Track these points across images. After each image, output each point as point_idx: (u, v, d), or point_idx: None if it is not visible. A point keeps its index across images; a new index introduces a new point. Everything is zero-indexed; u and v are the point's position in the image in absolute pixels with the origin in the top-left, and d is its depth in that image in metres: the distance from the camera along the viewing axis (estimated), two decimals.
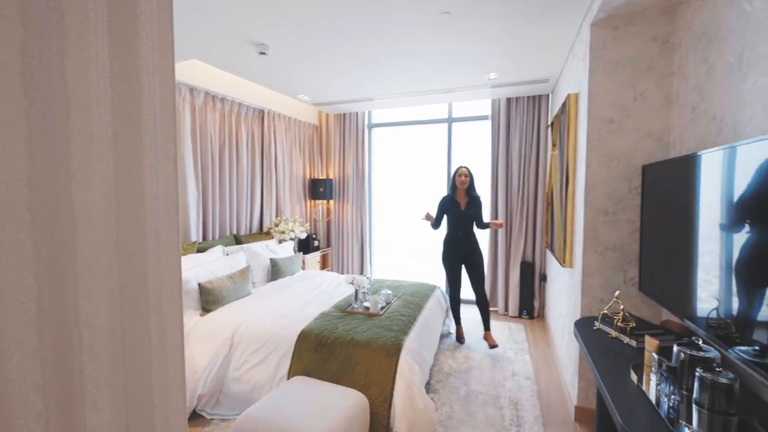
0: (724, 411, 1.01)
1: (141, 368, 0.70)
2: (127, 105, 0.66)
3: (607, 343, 1.61)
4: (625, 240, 1.99)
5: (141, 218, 0.68)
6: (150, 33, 0.69)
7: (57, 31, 0.57)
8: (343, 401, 1.71)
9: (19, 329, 0.54)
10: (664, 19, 1.86)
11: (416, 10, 2.06)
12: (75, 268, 0.60)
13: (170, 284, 0.75)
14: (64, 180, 0.58)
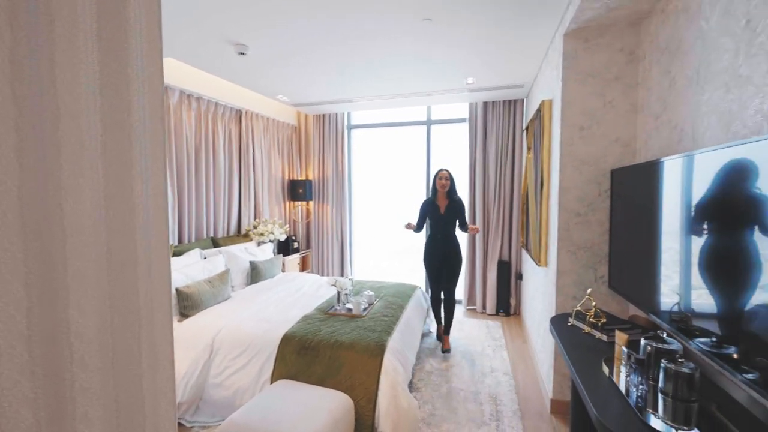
0: (685, 398, 1.10)
1: (131, 379, 0.70)
2: (116, 113, 0.65)
3: (580, 338, 1.70)
4: (595, 240, 2.11)
5: (131, 227, 0.68)
6: (139, 39, 0.68)
7: (47, 38, 0.56)
8: (329, 403, 1.72)
9: (10, 343, 0.53)
10: (630, 32, 1.98)
11: (398, 16, 2.10)
12: (65, 279, 0.59)
13: (160, 294, 0.74)
14: (54, 189, 0.57)
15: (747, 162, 1.00)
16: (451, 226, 3.11)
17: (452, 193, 3.10)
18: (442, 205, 3.09)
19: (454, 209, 3.08)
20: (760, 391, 0.91)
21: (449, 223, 3.09)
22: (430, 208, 3.11)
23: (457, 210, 3.10)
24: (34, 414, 0.56)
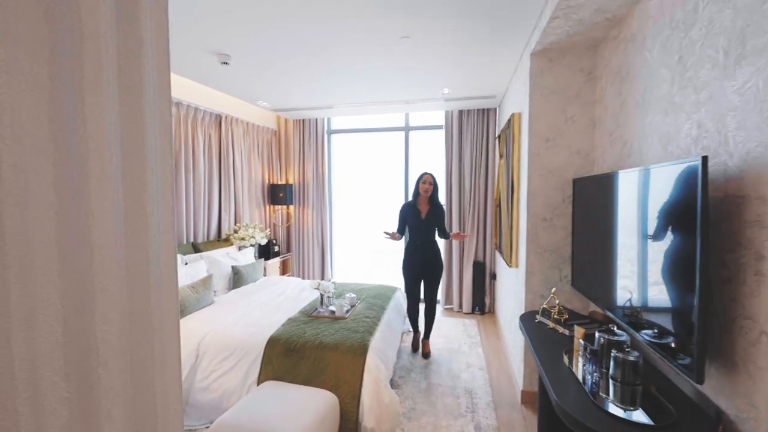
0: (631, 382, 1.27)
1: (146, 380, 0.78)
2: (133, 142, 0.74)
3: (546, 333, 1.87)
4: (560, 243, 2.30)
5: (145, 243, 0.76)
6: (151, 76, 0.77)
7: (78, 82, 0.64)
8: (315, 401, 1.82)
9: (49, 350, 0.61)
10: (588, 55, 2.19)
11: (378, 34, 2.22)
12: (93, 292, 0.67)
13: (169, 302, 0.83)
14: (84, 215, 0.65)
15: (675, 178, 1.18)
16: (432, 232, 3.05)
17: (434, 199, 3.04)
18: (424, 209, 3.02)
19: (435, 215, 3.02)
20: (689, 374, 1.09)
21: (430, 228, 3.02)
22: (410, 213, 3.02)
23: (439, 216, 3.05)
24: (69, 412, 0.65)
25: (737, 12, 1.07)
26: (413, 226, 3.03)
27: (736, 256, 1.07)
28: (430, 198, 3.03)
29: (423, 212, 3.02)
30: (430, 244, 3.04)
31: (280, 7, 1.90)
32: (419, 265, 3.03)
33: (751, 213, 1.02)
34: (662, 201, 1.26)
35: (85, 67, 0.65)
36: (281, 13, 1.98)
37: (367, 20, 2.05)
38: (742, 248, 1.05)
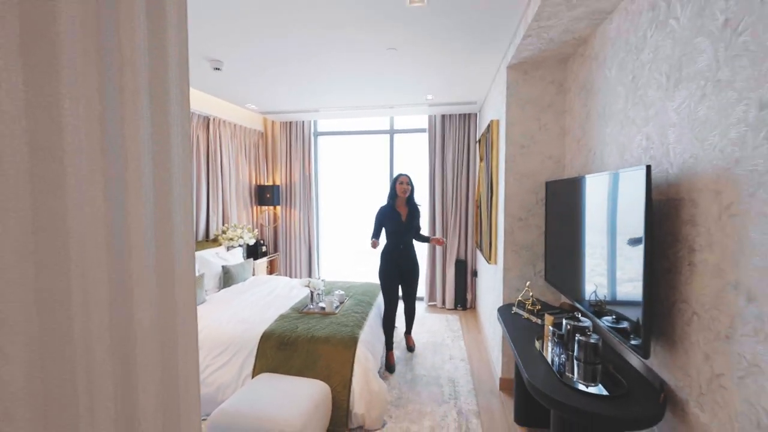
0: (592, 362, 1.45)
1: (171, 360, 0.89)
2: (161, 155, 0.86)
3: (520, 322, 2.06)
4: (534, 241, 2.49)
5: (169, 243, 0.88)
6: (174, 97, 0.89)
7: (120, 103, 0.76)
8: (309, 390, 1.94)
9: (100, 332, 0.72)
10: (559, 68, 2.39)
11: (365, 45, 2.35)
12: (131, 285, 0.78)
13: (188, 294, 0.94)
14: (123, 219, 0.77)
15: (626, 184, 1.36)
16: (411, 234, 2.98)
17: (412, 200, 2.97)
18: (404, 212, 2.93)
19: (414, 217, 2.97)
20: (638, 352, 1.27)
21: (409, 231, 2.95)
22: (389, 216, 2.88)
23: (417, 217, 3.00)
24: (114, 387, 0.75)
25: (676, 42, 1.26)
26: (394, 230, 2.89)
27: (675, 249, 1.26)
28: (407, 199, 2.93)
29: (403, 215, 2.92)
30: (411, 248, 2.98)
31: (273, 17, 2.01)
32: (399, 271, 2.92)
33: (686, 213, 1.21)
34: (615, 203, 1.45)
35: (125, 91, 0.77)
36: (274, 23, 2.09)
37: (355, 32, 2.19)
38: (679, 243, 1.24)
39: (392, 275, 2.91)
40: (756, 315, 0.93)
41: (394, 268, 2.91)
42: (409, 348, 3.21)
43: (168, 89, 0.88)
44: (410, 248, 2.98)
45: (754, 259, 0.94)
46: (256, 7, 1.90)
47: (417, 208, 3.03)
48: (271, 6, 1.88)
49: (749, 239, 0.95)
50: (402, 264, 2.92)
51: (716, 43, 1.07)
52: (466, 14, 1.97)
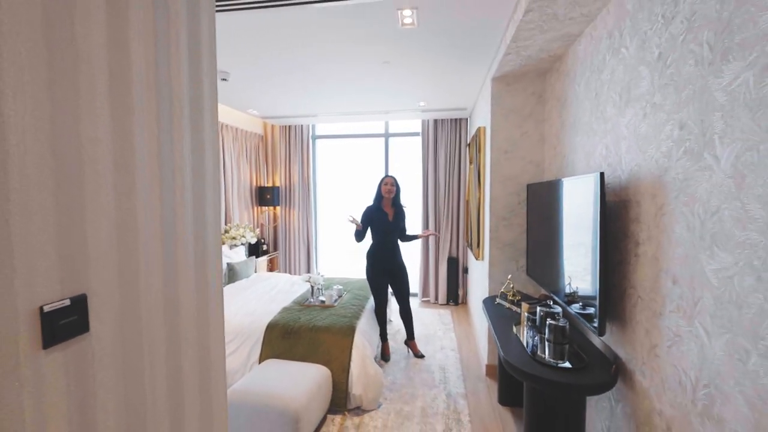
0: (560, 342, 1.67)
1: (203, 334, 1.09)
2: (198, 166, 1.06)
3: (502, 312, 2.28)
4: (516, 238, 2.72)
5: (203, 235, 1.08)
6: (208, 118, 1.10)
7: (171, 127, 0.96)
8: (311, 373, 2.15)
9: (157, 307, 0.92)
10: (539, 81, 2.61)
11: (361, 59, 2.57)
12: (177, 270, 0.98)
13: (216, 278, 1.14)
14: (173, 217, 0.97)
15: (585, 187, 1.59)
16: (397, 235, 3.03)
17: (398, 201, 3.02)
18: (390, 212, 2.99)
19: (400, 218, 3.02)
20: (596, 331, 1.49)
21: (396, 231, 2.99)
22: (376, 216, 2.93)
23: (403, 219, 3.04)
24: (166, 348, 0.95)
25: (626, 68, 1.49)
26: (381, 229, 2.94)
27: (625, 243, 1.49)
28: (393, 200, 2.99)
29: (390, 215, 2.98)
30: (397, 248, 3.04)
31: (276, 34, 2.22)
32: (386, 270, 2.97)
33: (633, 212, 1.44)
34: (578, 204, 1.67)
35: (174, 118, 0.97)
36: (277, 40, 2.29)
37: (352, 48, 2.40)
38: (628, 238, 1.47)
39: (379, 274, 2.96)
40: (679, 295, 1.16)
41: (381, 268, 2.96)
42: (416, 355, 3.09)
43: (203, 114, 1.09)
44: (396, 248, 3.02)
45: (677, 250, 1.16)
46: (261, 26, 2.10)
47: (403, 209, 3.06)
48: (274, 25, 2.08)
49: (674, 233, 1.18)
50: (387, 264, 2.97)
51: (653, 72, 1.30)
52: (453, 35, 2.18)
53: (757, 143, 0.87)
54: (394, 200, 3.01)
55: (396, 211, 3.01)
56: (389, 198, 2.97)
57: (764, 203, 0.85)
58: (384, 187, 2.96)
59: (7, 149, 0.59)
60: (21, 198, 0.60)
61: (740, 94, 0.91)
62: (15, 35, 0.59)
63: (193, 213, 1.07)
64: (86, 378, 0.72)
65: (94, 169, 0.72)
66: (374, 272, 2.97)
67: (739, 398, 0.92)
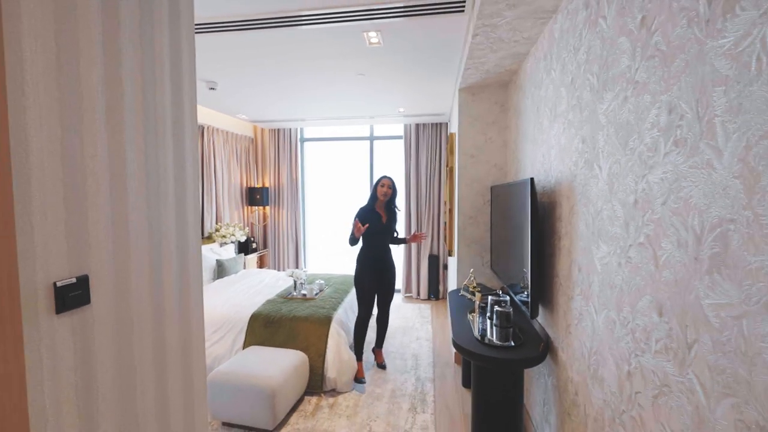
0: (505, 326, 1.90)
1: (187, 317, 1.31)
2: (180, 173, 1.28)
3: (463, 302, 2.51)
4: (482, 235, 2.96)
5: (186, 231, 1.30)
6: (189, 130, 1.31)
7: (155, 140, 1.17)
8: (290, 357, 2.37)
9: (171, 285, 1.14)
10: (501, 91, 2.85)
11: (338, 71, 2.79)
12: (161, 260, 1.21)
13: (196, 269, 1.36)
14: (159, 215, 1.19)
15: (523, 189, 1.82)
16: (391, 237, 2.90)
17: (392, 203, 2.90)
18: (384, 214, 2.85)
19: (392, 219, 2.91)
20: (531, 314, 1.73)
21: (389, 234, 2.87)
22: (370, 216, 2.78)
23: (395, 221, 2.94)
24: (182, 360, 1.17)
25: (554, 87, 1.72)
26: (374, 232, 2.77)
27: (553, 238, 1.73)
28: (387, 203, 2.86)
29: (384, 217, 2.84)
30: (389, 252, 2.92)
31: (261, 50, 2.44)
32: (377, 276, 2.82)
33: (557, 212, 1.67)
34: (520, 204, 1.91)
35: (158, 136, 1.19)
36: (261, 54, 2.51)
37: (330, 62, 2.62)
38: (554, 234, 1.71)
39: (370, 280, 2.78)
40: (582, 280, 1.39)
41: (372, 273, 2.80)
42: (379, 365, 2.91)
43: (184, 131, 1.31)
44: (388, 251, 2.91)
45: (581, 243, 1.40)
46: (246, 41, 2.31)
47: (395, 212, 2.95)
48: (258, 42, 2.30)
49: (579, 229, 1.41)
50: (379, 267, 2.83)
51: (568, 94, 1.53)
52: (418, 51, 2.41)
53: (620, 158, 1.10)
54: (389, 203, 2.87)
55: (389, 214, 2.88)
56: (384, 200, 2.83)
57: (623, 204, 1.08)
58: (380, 188, 2.81)
59: (30, 165, 0.80)
60: (39, 201, 0.82)
61: (613, 118, 1.15)
62: (35, 84, 0.81)
63: (176, 212, 1.29)
64: (88, 339, 0.94)
65: (94, 178, 0.94)
66: (365, 278, 2.79)
67: (610, 359, 1.16)
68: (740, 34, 0.67)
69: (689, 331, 0.79)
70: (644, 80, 0.97)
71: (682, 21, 0.82)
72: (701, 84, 0.76)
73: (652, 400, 0.93)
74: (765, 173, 0.61)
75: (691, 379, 0.79)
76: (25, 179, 0.79)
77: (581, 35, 1.39)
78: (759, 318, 0.62)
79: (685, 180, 0.81)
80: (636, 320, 1.01)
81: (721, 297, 0.71)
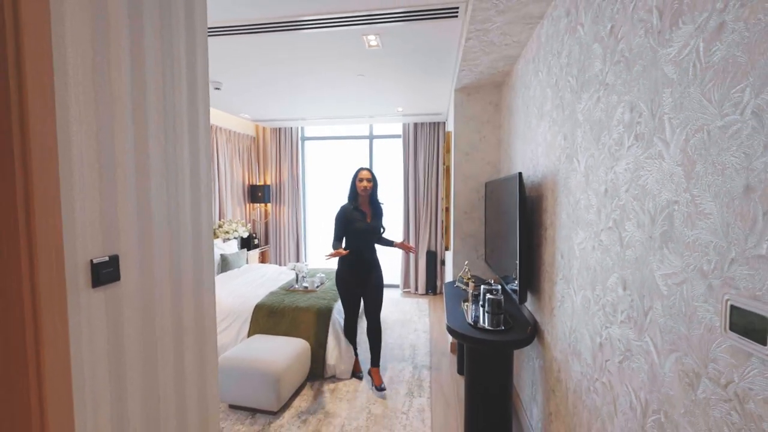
0: (496, 312, 2.02)
1: (200, 300, 1.43)
2: (195, 167, 1.39)
3: (458, 292, 2.63)
4: (477, 230, 3.08)
5: (199, 221, 1.42)
6: (203, 129, 1.43)
7: (174, 139, 1.29)
8: (292, 345, 2.49)
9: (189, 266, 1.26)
10: (495, 91, 2.97)
11: (339, 72, 2.91)
12: (180, 250, 1.32)
13: (209, 256, 1.48)
14: (177, 204, 1.30)
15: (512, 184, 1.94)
16: (376, 237, 2.63)
17: (375, 199, 2.60)
18: (368, 212, 2.58)
19: (378, 216, 2.62)
20: (519, 300, 1.85)
21: (375, 233, 2.59)
22: (353, 215, 2.50)
23: (380, 216, 2.64)
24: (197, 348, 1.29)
25: (541, 88, 1.84)
26: (358, 231, 2.51)
27: (540, 229, 1.85)
28: (370, 198, 2.57)
29: (368, 215, 2.56)
30: (374, 253, 2.64)
31: (265, 53, 2.55)
32: (363, 281, 2.56)
33: (543, 204, 1.80)
34: (510, 198, 2.03)
35: (176, 132, 1.30)
36: (265, 57, 2.63)
37: (332, 63, 2.74)
38: (541, 225, 1.83)
39: (351, 283, 2.56)
40: (563, 265, 1.52)
41: (354, 277, 2.55)
42: (378, 388, 2.49)
43: (198, 125, 1.43)
44: (373, 254, 2.63)
45: (563, 231, 1.52)
46: (251, 45, 2.43)
47: (380, 207, 2.66)
48: (262, 44, 2.42)
49: (561, 219, 1.54)
50: (362, 272, 2.56)
51: (553, 94, 1.65)
52: (416, 54, 2.53)
53: (594, 152, 1.22)
54: (372, 198, 2.59)
55: (374, 210, 2.60)
56: (366, 195, 2.55)
57: (597, 194, 1.20)
58: (359, 183, 2.52)
59: (72, 156, 0.92)
60: (80, 188, 0.93)
61: (588, 116, 1.27)
62: (76, 85, 0.93)
63: (191, 202, 1.40)
64: (117, 312, 1.06)
65: (122, 170, 1.06)
66: (346, 282, 2.56)
67: (586, 335, 1.28)
68: (682, 44, 0.79)
69: (645, 300, 0.92)
70: (612, 82, 1.09)
71: (641, 31, 0.94)
72: (654, 86, 0.88)
73: (618, 366, 1.05)
74: (698, 161, 0.74)
75: (647, 342, 0.91)
76: (68, 169, 0.90)
77: (563, 40, 1.52)
78: (695, 282, 0.74)
79: (642, 169, 0.93)
80: (606, 296, 1.13)
81: (668, 268, 0.83)
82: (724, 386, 0.66)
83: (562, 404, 1.51)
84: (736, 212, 0.64)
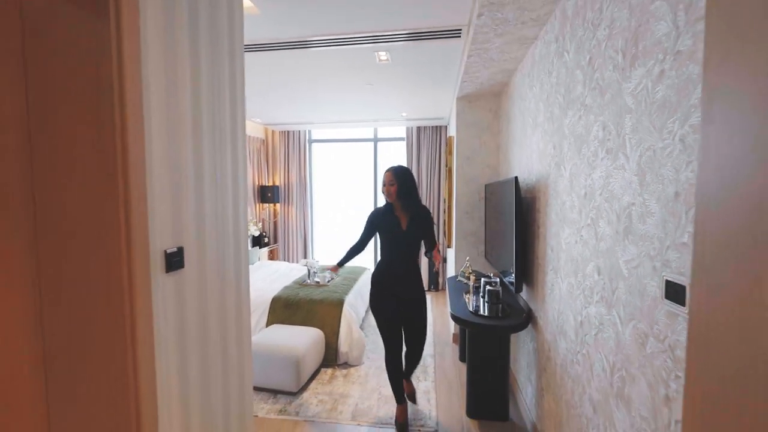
0: (495, 302, 2.25)
1: (237, 286, 1.65)
2: (236, 171, 1.62)
3: (460, 286, 2.86)
4: (477, 228, 3.30)
5: (237, 214, 1.65)
6: (240, 139, 1.66)
7: (221, 147, 1.52)
8: (309, 333, 2.72)
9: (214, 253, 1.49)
10: (494, 99, 3.20)
11: (348, 80, 3.14)
12: (224, 240, 1.55)
13: (244, 243, 1.71)
14: (223, 207, 1.53)
15: (509, 186, 2.16)
16: (416, 249, 2.20)
17: (410, 201, 2.11)
18: (404, 218, 2.13)
19: (420, 225, 2.15)
20: (515, 290, 2.07)
21: (413, 244, 2.17)
22: (385, 222, 2.13)
23: (426, 226, 2.17)
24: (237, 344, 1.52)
25: (535, 101, 2.07)
26: (391, 240, 2.14)
27: (533, 227, 2.08)
28: (403, 203, 2.11)
29: (403, 222, 2.13)
30: (413, 268, 2.21)
31: (278, 63, 2.78)
32: (395, 299, 2.14)
33: (537, 204, 2.02)
34: (507, 199, 2.26)
35: (222, 143, 1.53)
36: (278, 66, 2.85)
37: (342, 74, 2.97)
38: (534, 223, 2.05)
39: (388, 307, 2.13)
40: (552, 258, 1.74)
41: (389, 296, 2.13)
42: (408, 395, 2.34)
43: (237, 137, 1.65)
44: (413, 269, 2.21)
45: (553, 228, 1.75)
46: (267, 60, 2.65)
47: (420, 213, 2.17)
48: (278, 59, 2.64)
49: (551, 218, 1.76)
50: (399, 288, 2.15)
51: (545, 107, 1.88)
52: (420, 66, 2.76)
53: (577, 161, 1.45)
54: (406, 203, 2.11)
55: (412, 217, 2.13)
56: (395, 200, 2.11)
57: (578, 196, 1.43)
58: (383, 189, 2.14)
59: (153, 165, 1.15)
60: (159, 190, 1.16)
61: (572, 130, 1.50)
62: (157, 106, 1.15)
63: (232, 203, 1.63)
64: (182, 294, 1.28)
65: (185, 176, 1.29)
66: (381, 306, 2.15)
67: (570, 316, 1.50)
68: (637, 81, 1.01)
69: (613, 282, 1.14)
70: (590, 104, 1.32)
71: (610, 66, 1.17)
72: (619, 111, 1.11)
73: (594, 338, 1.28)
74: (648, 172, 0.96)
75: (614, 315, 1.14)
76: (150, 177, 1.13)
77: (553, 62, 1.74)
78: (645, 265, 0.97)
79: (611, 177, 1.16)
80: (585, 282, 1.36)
81: (628, 255, 1.05)
82: (662, 340, 0.89)
83: (552, 379, 1.74)
84: (670, 211, 0.87)
